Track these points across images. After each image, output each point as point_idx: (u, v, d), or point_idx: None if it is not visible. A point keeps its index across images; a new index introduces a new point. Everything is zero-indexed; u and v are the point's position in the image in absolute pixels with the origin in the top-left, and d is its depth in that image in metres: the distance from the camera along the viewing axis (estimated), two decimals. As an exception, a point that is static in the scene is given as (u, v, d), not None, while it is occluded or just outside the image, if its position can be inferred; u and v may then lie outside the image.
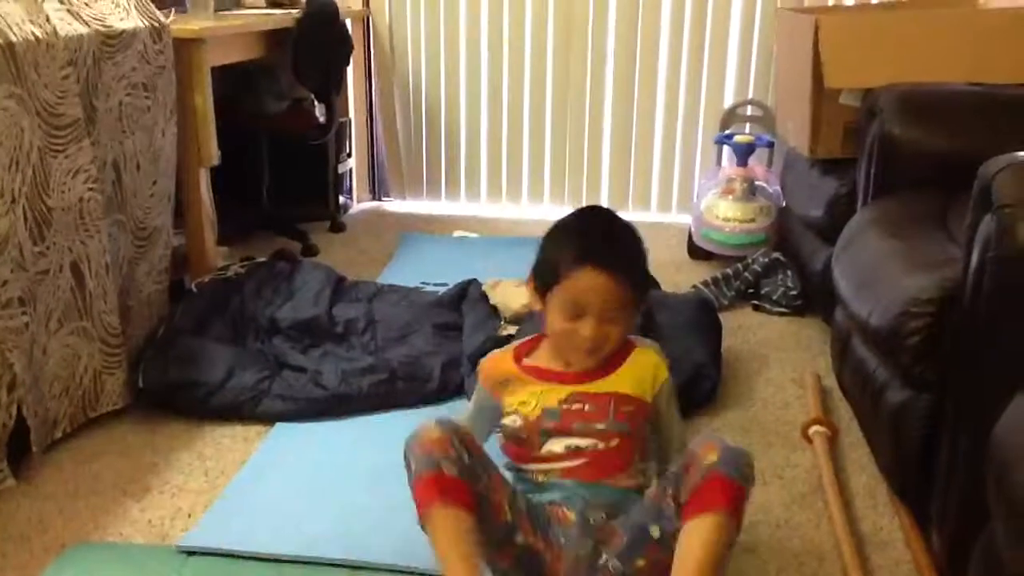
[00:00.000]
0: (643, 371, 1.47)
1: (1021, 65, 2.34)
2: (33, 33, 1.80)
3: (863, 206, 2.18)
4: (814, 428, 1.97)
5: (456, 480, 1.30)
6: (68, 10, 1.98)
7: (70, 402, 1.96)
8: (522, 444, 1.45)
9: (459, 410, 2.09)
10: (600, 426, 1.41)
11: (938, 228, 1.85)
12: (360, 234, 3.54)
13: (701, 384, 2.12)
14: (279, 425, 2.04)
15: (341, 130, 3.65)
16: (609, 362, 1.45)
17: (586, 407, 1.42)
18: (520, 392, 1.46)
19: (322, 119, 3.37)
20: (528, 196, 3.83)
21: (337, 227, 3.57)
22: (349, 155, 3.81)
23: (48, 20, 1.87)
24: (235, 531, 1.65)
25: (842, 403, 2.11)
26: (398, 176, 3.91)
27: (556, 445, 1.43)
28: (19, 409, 1.78)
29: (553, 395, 1.44)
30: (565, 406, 1.42)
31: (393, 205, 3.94)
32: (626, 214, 3.63)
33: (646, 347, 1.50)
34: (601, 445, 1.41)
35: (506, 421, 1.46)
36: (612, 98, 3.65)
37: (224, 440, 1.98)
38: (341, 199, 3.74)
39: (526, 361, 1.50)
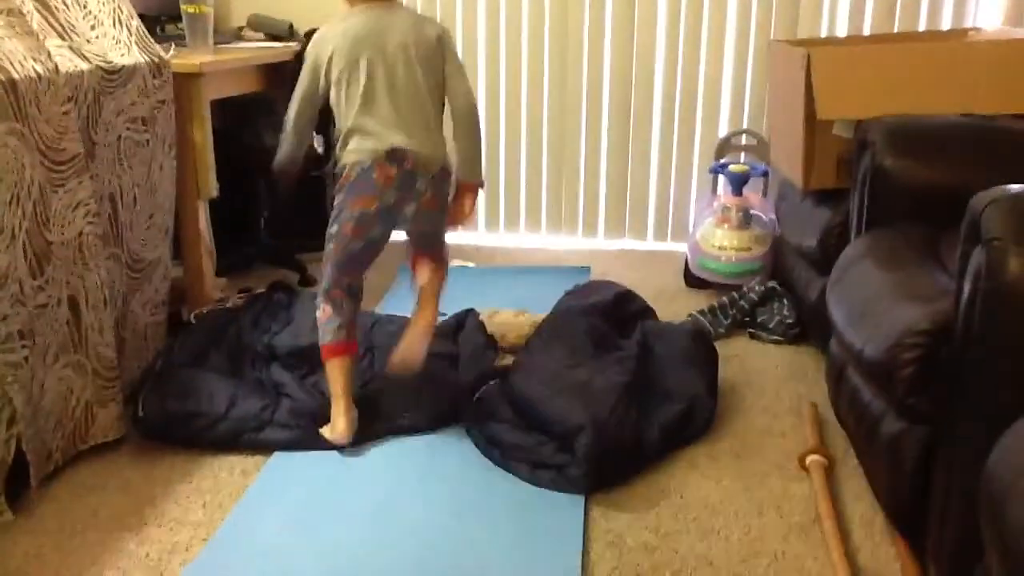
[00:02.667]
0: None
1: (1011, 97, 2.37)
2: (35, 70, 1.83)
3: (856, 237, 2.20)
4: (811, 458, 1.97)
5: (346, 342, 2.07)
6: (70, 47, 2.01)
7: (62, 435, 1.96)
8: None
9: (457, 439, 2.11)
10: None
11: (931, 259, 1.86)
12: (358, 264, 3.55)
13: (697, 414, 2.13)
14: (276, 456, 2.04)
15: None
16: None
17: None
18: None
19: (320, 150, 3.39)
20: (525, 226, 3.86)
21: (335, 257, 3.58)
22: (347, 185, 3.83)
23: (50, 57, 1.89)
24: (233, 566, 1.65)
25: (839, 432, 2.11)
26: (395, 206, 3.93)
27: None
28: (18, 443, 1.79)
29: None
30: None
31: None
32: (622, 242, 3.72)
33: None
34: None
35: None
36: (608, 128, 3.68)
37: (222, 472, 1.99)
38: (339, 229, 3.76)
39: None
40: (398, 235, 2.15)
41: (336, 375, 2.07)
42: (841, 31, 3.40)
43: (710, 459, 2.04)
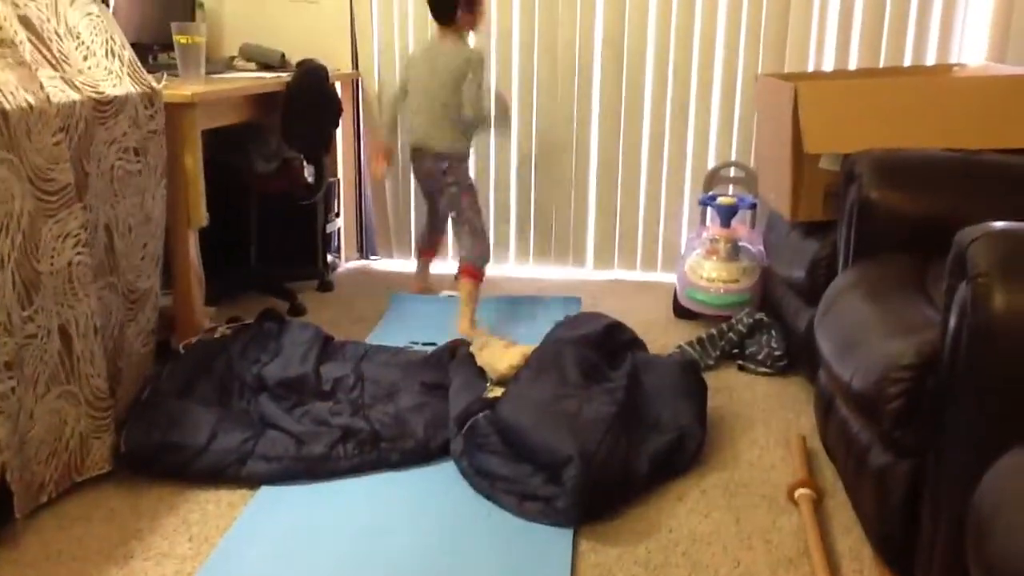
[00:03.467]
0: None
1: (994, 131, 2.40)
2: (27, 100, 1.83)
3: (844, 269, 2.22)
4: (800, 491, 1.98)
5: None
6: (62, 77, 2.02)
7: (56, 466, 1.95)
8: None
9: (446, 470, 2.10)
10: None
11: (917, 291, 1.88)
12: (348, 293, 3.56)
13: (686, 446, 2.13)
14: (264, 489, 2.03)
15: (330, 190, 3.69)
16: None
17: None
18: None
19: (311, 179, 3.41)
20: (515, 256, 3.87)
21: (325, 286, 3.59)
22: (338, 215, 3.85)
23: (42, 88, 1.90)
24: (219, 598, 1.64)
25: (828, 464, 2.12)
26: (386, 235, 3.94)
27: None
28: (2, 474, 1.78)
29: None
30: None
31: (381, 264, 3.97)
32: (612, 273, 3.73)
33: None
34: None
35: None
36: (597, 160, 3.71)
37: (209, 505, 1.97)
38: (329, 258, 3.77)
39: None
40: (381, 265, 2.15)
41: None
42: (828, 65, 3.45)
43: (699, 491, 2.04)
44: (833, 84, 2.56)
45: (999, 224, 1.40)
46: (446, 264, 3.73)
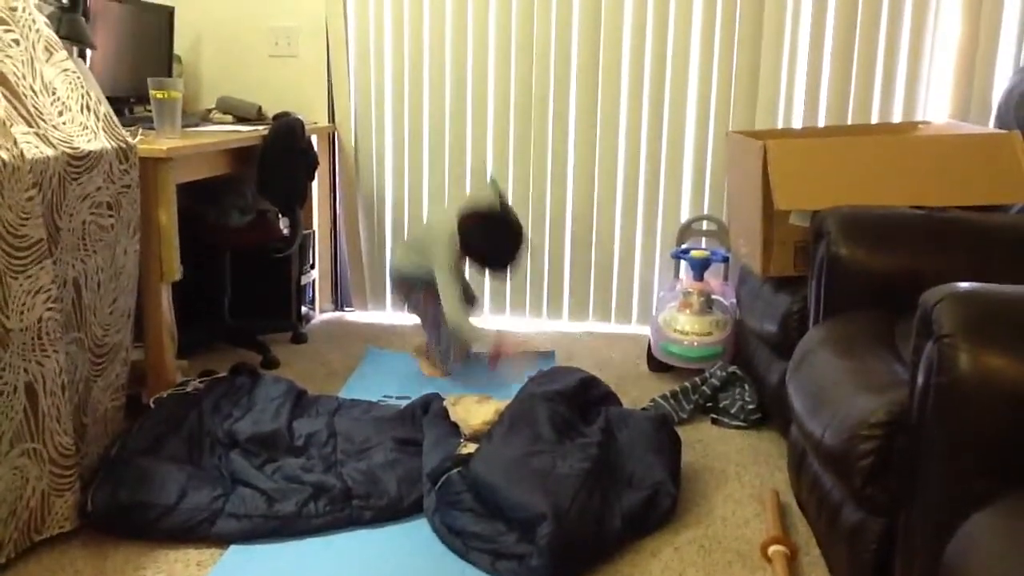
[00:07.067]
0: None
1: (960, 188, 2.45)
2: (0, 157, 1.83)
3: (814, 325, 2.24)
4: (773, 547, 1.97)
5: None
6: (36, 133, 2.02)
7: (16, 526, 1.91)
8: None
9: (419, 528, 2.08)
10: None
11: (886, 348, 1.90)
12: (322, 345, 3.54)
13: (660, 502, 2.13)
14: (233, 548, 2.00)
15: (305, 242, 3.69)
16: None
17: None
18: None
19: (286, 232, 3.41)
20: (491, 309, 3.87)
21: (298, 338, 3.57)
22: (312, 266, 3.85)
23: (16, 144, 1.90)
24: (185, 663, 1.61)
25: (801, 519, 2.12)
26: (361, 287, 3.94)
27: None
28: (-35, 535, 1.74)
29: None
30: None
31: (356, 315, 3.96)
32: (586, 325, 3.74)
33: None
34: None
35: None
36: (572, 213, 3.74)
37: (177, 564, 1.94)
38: (304, 310, 3.76)
39: None
40: (356, 317, 2.14)
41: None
42: (797, 122, 3.51)
43: (673, 549, 2.03)
44: (802, 142, 2.61)
45: (964, 285, 1.43)
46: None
